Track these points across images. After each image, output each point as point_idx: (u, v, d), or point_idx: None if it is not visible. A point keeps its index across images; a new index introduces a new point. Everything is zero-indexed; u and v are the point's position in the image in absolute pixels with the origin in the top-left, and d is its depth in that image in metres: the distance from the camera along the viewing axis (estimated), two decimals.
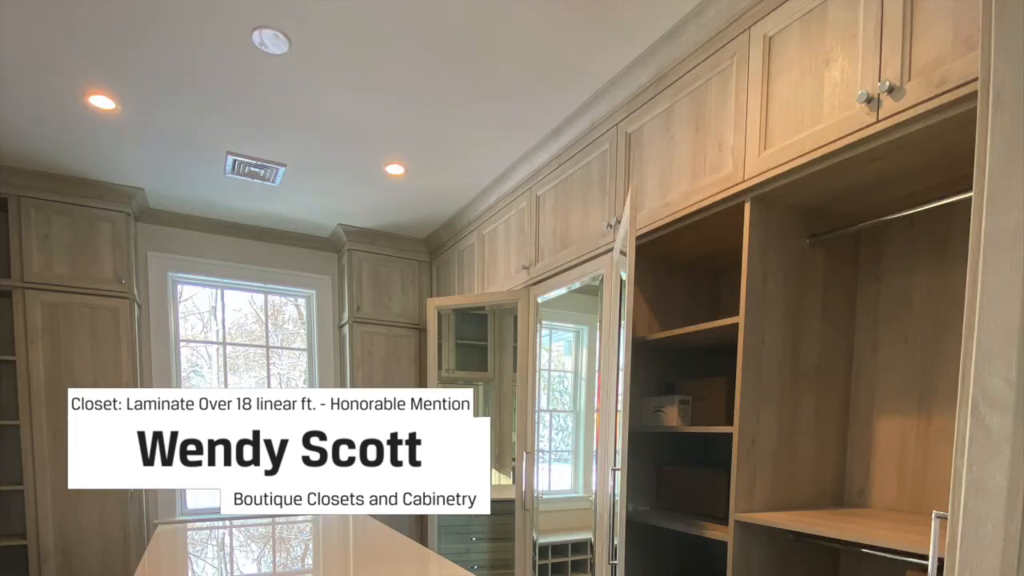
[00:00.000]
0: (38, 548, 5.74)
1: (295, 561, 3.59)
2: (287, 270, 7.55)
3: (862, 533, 2.78)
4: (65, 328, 5.86)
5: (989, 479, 1.66)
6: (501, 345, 6.92)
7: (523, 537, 5.51)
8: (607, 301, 4.38)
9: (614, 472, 3.83)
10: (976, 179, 1.74)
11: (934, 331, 3.36)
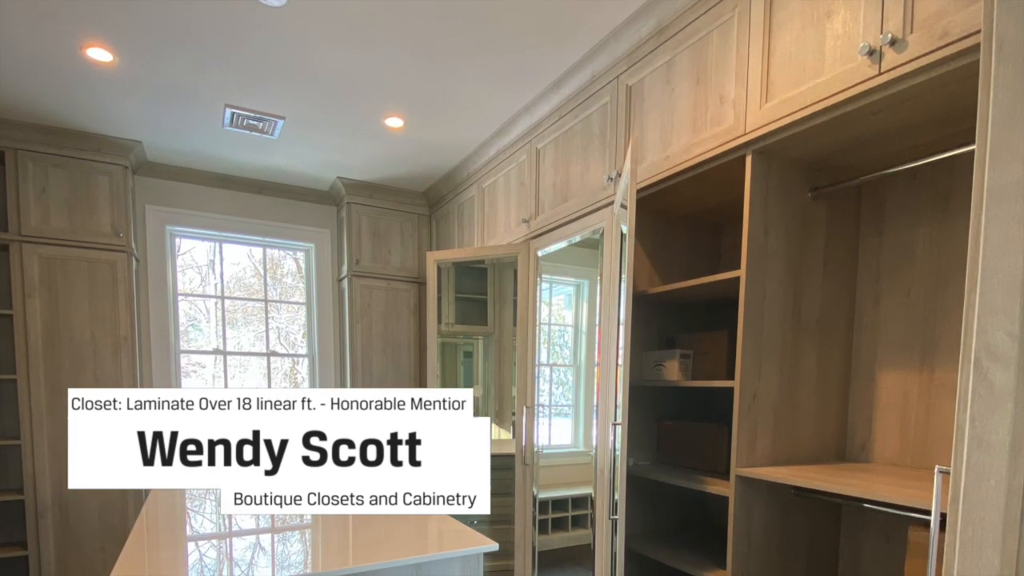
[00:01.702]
0: (35, 503, 5.75)
1: (294, 517, 3.59)
2: (286, 223, 7.52)
3: (864, 488, 2.78)
4: (62, 282, 5.84)
5: (992, 433, 1.66)
6: (501, 299, 6.91)
7: (523, 492, 5.52)
8: (607, 255, 4.36)
9: (614, 427, 3.82)
10: (979, 132, 1.73)
11: (936, 285, 3.35)
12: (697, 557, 3.93)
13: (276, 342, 8.23)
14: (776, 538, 3.53)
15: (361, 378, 7.23)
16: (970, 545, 1.73)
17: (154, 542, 2.98)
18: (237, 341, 8.02)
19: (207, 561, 2.72)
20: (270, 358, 7.84)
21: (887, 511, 2.92)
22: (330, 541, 3.02)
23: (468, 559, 2.94)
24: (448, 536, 3.13)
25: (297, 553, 2.86)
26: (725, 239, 4.60)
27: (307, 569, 2.58)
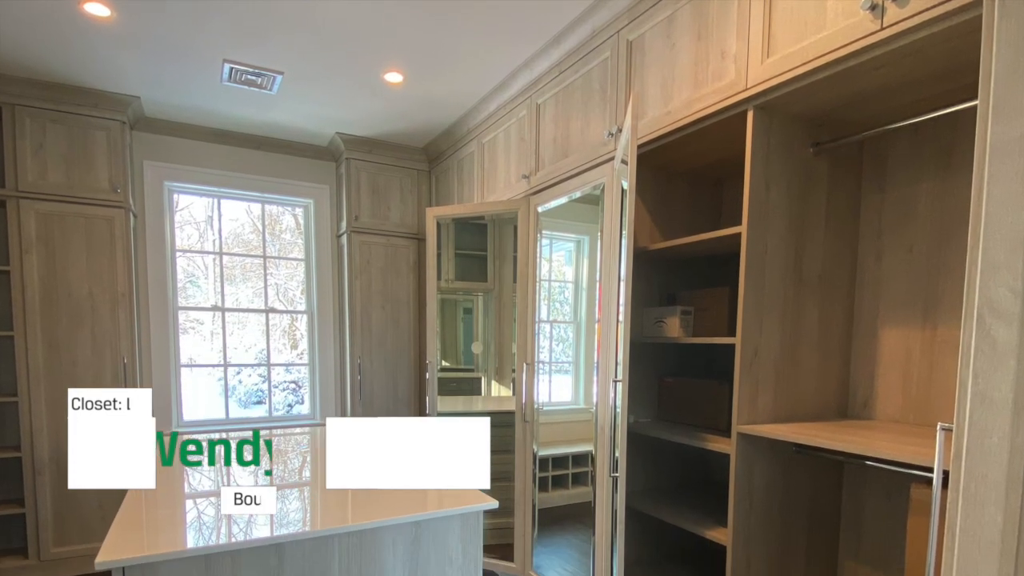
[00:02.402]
0: (32, 460, 5.75)
1: (292, 473, 3.59)
2: (285, 179, 7.49)
3: (866, 445, 2.77)
4: (60, 238, 5.82)
5: (995, 390, 1.66)
6: (501, 255, 6.89)
7: (523, 449, 5.52)
8: (608, 210, 4.34)
9: (615, 384, 3.81)
10: (982, 87, 1.72)
11: (939, 241, 3.34)
12: (698, 515, 3.94)
13: (275, 299, 8.24)
14: (777, 496, 3.53)
15: (360, 335, 7.23)
16: (973, 502, 1.73)
17: (152, 500, 2.97)
18: (235, 298, 8.03)
19: (205, 519, 2.72)
20: (269, 315, 7.84)
21: (889, 468, 2.92)
22: (329, 499, 3.01)
23: (468, 517, 2.94)
24: (448, 494, 3.12)
25: (296, 511, 2.85)
26: (726, 195, 4.58)
27: (306, 527, 2.58)
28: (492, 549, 5.88)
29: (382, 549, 2.70)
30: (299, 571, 2.51)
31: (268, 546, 2.44)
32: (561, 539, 5.70)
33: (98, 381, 5.96)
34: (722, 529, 3.60)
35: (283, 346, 9.06)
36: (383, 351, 7.38)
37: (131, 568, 2.21)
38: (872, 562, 3.64)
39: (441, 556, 2.86)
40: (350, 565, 2.62)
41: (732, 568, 3.42)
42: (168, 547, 2.28)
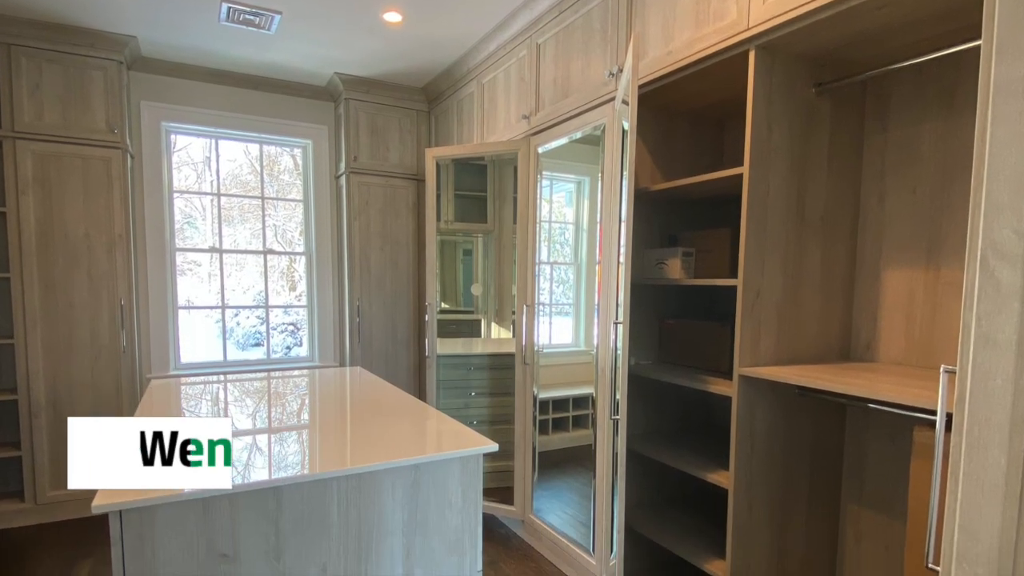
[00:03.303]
0: (29, 403, 5.77)
1: (291, 416, 3.58)
2: (283, 120, 7.44)
3: (869, 388, 2.75)
4: (56, 179, 5.79)
5: (998, 332, 1.65)
6: (501, 196, 6.86)
7: (523, 392, 5.52)
8: (609, 151, 4.31)
9: (616, 325, 3.80)
10: (985, 27, 1.70)
11: (942, 182, 3.31)
12: (700, 458, 3.94)
13: (273, 240, 8.21)
14: (779, 439, 3.52)
15: (359, 277, 7.22)
16: (976, 445, 1.72)
17: None
18: (233, 239, 8.00)
19: None
20: (267, 256, 7.80)
21: (892, 411, 2.91)
22: (328, 442, 3.01)
23: (467, 460, 2.93)
24: (447, 437, 3.12)
25: (294, 454, 2.84)
26: (728, 135, 4.54)
27: (304, 470, 2.56)
28: (492, 492, 5.90)
29: (381, 492, 2.69)
30: (297, 514, 2.50)
31: (266, 489, 2.43)
32: (561, 482, 5.71)
33: (95, 323, 5.96)
34: (724, 472, 3.60)
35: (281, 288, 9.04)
36: (382, 293, 7.37)
37: (128, 512, 2.20)
38: (875, 505, 3.64)
39: (441, 499, 2.85)
40: (349, 508, 2.62)
41: (734, 511, 3.42)
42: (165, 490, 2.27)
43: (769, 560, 3.58)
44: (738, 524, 3.44)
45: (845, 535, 3.82)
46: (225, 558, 2.36)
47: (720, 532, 3.96)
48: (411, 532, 2.78)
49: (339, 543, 2.60)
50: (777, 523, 3.58)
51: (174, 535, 2.27)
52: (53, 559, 5.22)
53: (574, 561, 4.93)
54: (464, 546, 2.94)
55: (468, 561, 2.95)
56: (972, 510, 1.74)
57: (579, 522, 5.22)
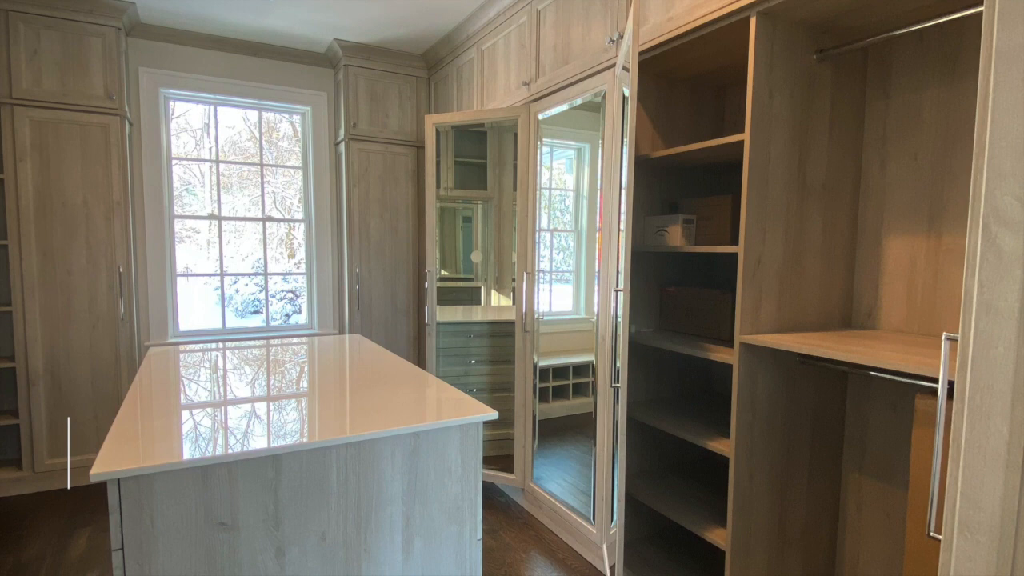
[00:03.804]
0: (27, 370, 5.77)
1: (290, 384, 3.57)
2: (282, 86, 7.41)
3: (870, 356, 2.73)
4: (54, 145, 5.77)
5: (1000, 300, 1.64)
6: (501, 163, 6.83)
7: (523, 359, 5.52)
8: (609, 118, 4.29)
9: (616, 293, 3.78)
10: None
11: (944, 148, 3.29)
12: (700, 426, 3.93)
13: (272, 207, 8.19)
14: (781, 407, 3.52)
15: (359, 244, 7.21)
16: (978, 413, 1.71)
17: (148, 410, 2.96)
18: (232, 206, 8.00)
19: (202, 429, 2.69)
20: (266, 223, 7.78)
21: (894, 379, 2.91)
22: (327, 410, 3.00)
23: (467, 428, 2.92)
24: (447, 405, 3.10)
25: (293, 422, 2.83)
26: (729, 102, 4.51)
27: (303, 438, 2.56)
28: (492, 461, 5.90)
29: (380, 460, 2.69)
30: (296, 482, 2.49)
31: (265, 457, 2.43)
32: (562, 450, 5.72)
33: (93, 291, 5.95)
34: (724, 440, 3.60)
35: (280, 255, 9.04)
36: (381, 260, 7.36)
37: (126, 480, 2.19)
38: (876, 474, 3.64)
39: (440, 467, 2.85)
40: (348, 476, 2.61)
41: (735, 479, 3.41)
42: (164, 458, 2.26)
43: (770, 528, 3.58)
44: (739, 492, 3.43)
45: (846, 503, 3.82)
46: (224, 526, 2.35)
47: (721, 500, 3.97)
48: (410, 500, 2.77)
49: (338, 511, 2.60)
50: (778, 491, 3.58)
51: (172, 503, 2.26)
52: (51, 527, 5.22)
53: (574, 529, 4.94)
54: (464, 514, 2.94)
55: (468, 529, 2.95)
56: (974, 478, 1.74)
57: (579, 490, 5.23)
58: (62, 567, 4.60)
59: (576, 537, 4.92)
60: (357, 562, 2.65)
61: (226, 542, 2.36)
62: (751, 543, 3.51)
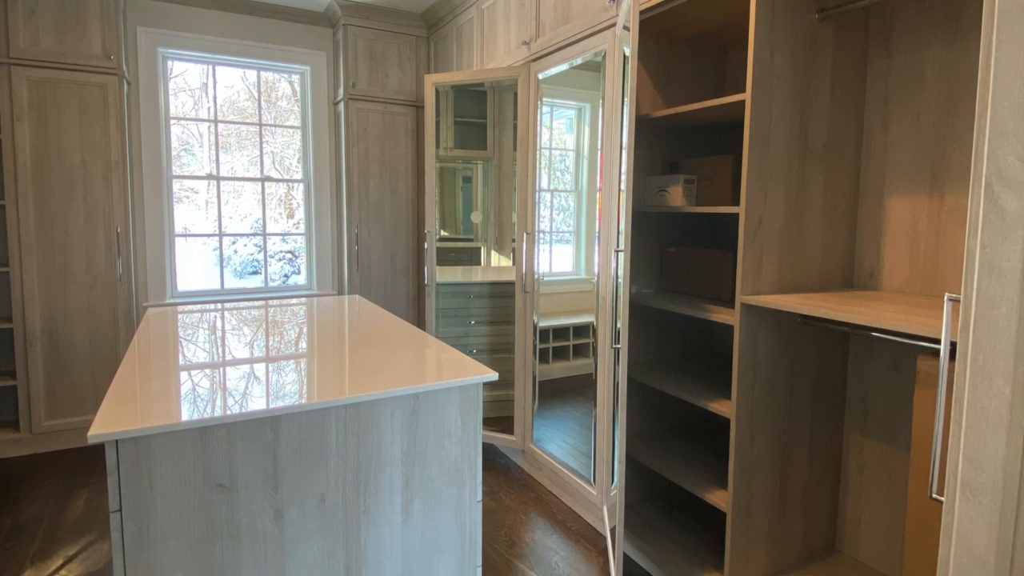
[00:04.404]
0: (24, 331, 5.77)
1: (289, 345, 3.56)
2: (281, 46, 7.37)
3: (872, 316, 2.72)
4: (52, 105, 5.75)
5: (1003, 260, 1.63)
6: (501, 123, 6.81)
7: (523, 320, 5.52)
8: (610, 78, 4.27)
9: (617, 253, 3.77)
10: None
11: (946, 108, 3.27)
12: (701, 387, 3.92)
13: (271, 167, 8.19)
14: (782, 368, 3.51)
15: (358, 204, 7.19)
16: (980, 374, 1.71)
17: (146, 371, 2.95)
18: (231, 166, 7.97)
19: (200, 391, 2.69)
20: (264, 183, 7.75)
21: (896, 340, 2.90)
22: (326, 371, 2.99)
23: (467, 389, 2.92)
24: (447, 366, 3.10)
25: (292, 383, 2.82)
26: (730, 62, 4.48)
27: (302, 399, 2.55)
28: (492, 422, 5.91)
29: (380, 422, 2.68)
30: (295, 444, 2.49)
31: (264, 419, 2.42)
32: (562, 412, 5.72)
33: (91, 251, 5.94)
34: (726, 401, 3.59)
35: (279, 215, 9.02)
36: (381, 220, 7.34)
37: (124, 441, 2.18)
38: (878, 435, 3.64)
39: (440, 429, 2.85)
40: (347, 438, 2.61)
41: (736, 441, 3.41)
42: (162, 420, 2.25)
43: (771, 490, 3.58)
44: (740, 454, 3.43)
45: (848, 465, 3.82)
46: (222, 488, 2.35)
47: (722, 462, 3.97)
48: (410, 462, 2.77)
49: (337, 473, 2.59)
50: (779, 453, 3.58)
51: (171, 465, 2.25)
52: (49, 489, 5.24)
53: (574, 491, 4.94)
54: (464, 476, 2.94)
55: (468, 491, 2.95)
56: (976, 440, 1.73)
57: (579, 452, 5.23)
58: (60, 528, 4.61)
59: (576, 499, 4.93)
60: (356, 524, 2.65)
61: (225, 504, 2.36)
62: (752, 505, 3.52)
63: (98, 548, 4.38)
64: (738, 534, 3.49)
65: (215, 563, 2.36)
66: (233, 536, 2.38)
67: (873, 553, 3.71)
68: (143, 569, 2.22)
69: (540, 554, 4.35)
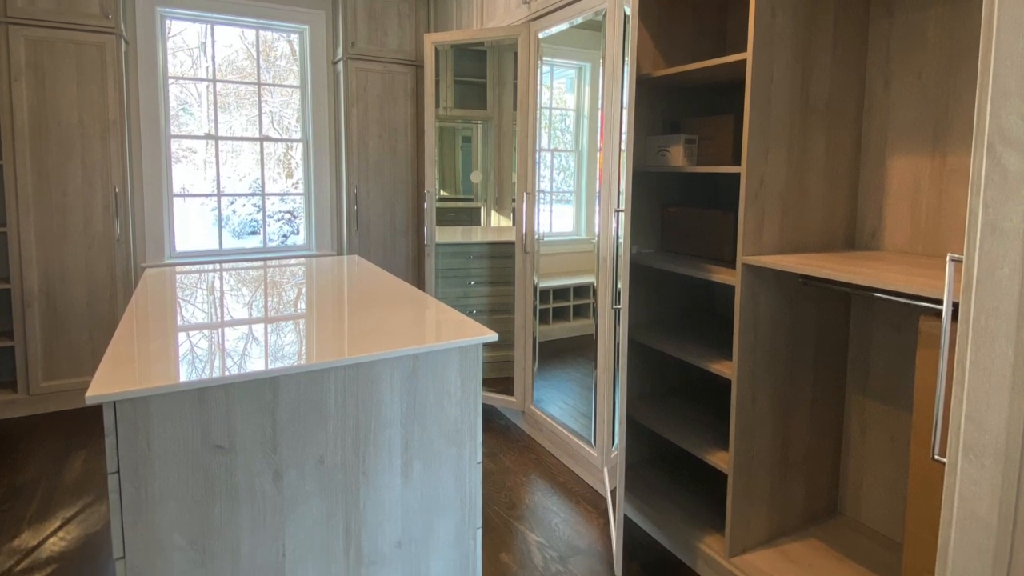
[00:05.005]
0: (22, 291, 5.76)
1: (288, 306, 3.55)
2: (280, 5, 7.31)
3: (874, 277, 2.71)
4: (50, 65, 5.72)
5: (1006, 220, 1.62)
6: (501, 82, 6.79)
7: (523, 281, 5.50)
8: (610, 37, 4.25)
9: (617, 214, 3.76)
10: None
11: (949, 67, 3.25)
12: (702, 348, 3.91)
13: (269, 127, 8.15)
14: (783, 329, 3.50)
15: (357, 164, 7.16)
16: (983, 335, 1.71)
17: (144, 332, 2.94)
18: (229, 126, 7.95)
19: (198, 351, 2.67)
20: (263, 143, 7.73)
21: (898, 300, 2.89)
22: (325, 332, 2.98)
23: (467, 350, 2.91)
24: (446, 326, 3.09)
25: (291, 344, 2.81)
26: (731, 20, 4.45)
27: (301, 360, 2.54)
28: (492, 383, 5.91)
29: (379, 383, 2.67)
30: (294, 405, 2.48)
31: (262, 380, 2.41)
32: (562, 373, 5.72)
33: (89, 211, 5.92)
34: (727, 363, 3.58)
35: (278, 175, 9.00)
36: (380, 180, 7.32)
37: (122, 402, 2.17)
38: (880, 396, 3.64)
39: (440, 390, 2.84)
40: (346, 399, 2.60)
41: (737, 402, 3.41)
42: (160, 381, 2.24)
43: (772, 451, 3.58)
44: (741, 415, 3.43)
45: (850, 426, 3.83)
46: (220, 449, 2.34)
47: (723, 423, 3.97)
48: (409, 423, 2.76)
49: (336, 434, 2.59)
50: (781, 414, 3.58)
51: (169, 426, 2.25)
52: (46, 450, 5.24)
53: (575, 452, 4.95)
54: (463, 437, 2.93)
55: (467, 452, 2.95)
56: (979, 400, 1.73)
57: (580, 413, 5.24)
58: (58, 490, 4.61)
59: (577, 460, 4.94)
60: (356, 485, 2.65)
61: (223, 465, 2.35)
62: (753, 466, 3.52)
63: (96, 510, 4.39)
64: (739, 496, 3.49)
65: (213, 524, 2.35)
66: (232, 498, 2.38)
67: (875, 515, 3.72)
68: (141, 531, 2.22)
69: (540, 516, 4.36)
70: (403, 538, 2.80)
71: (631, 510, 4.25)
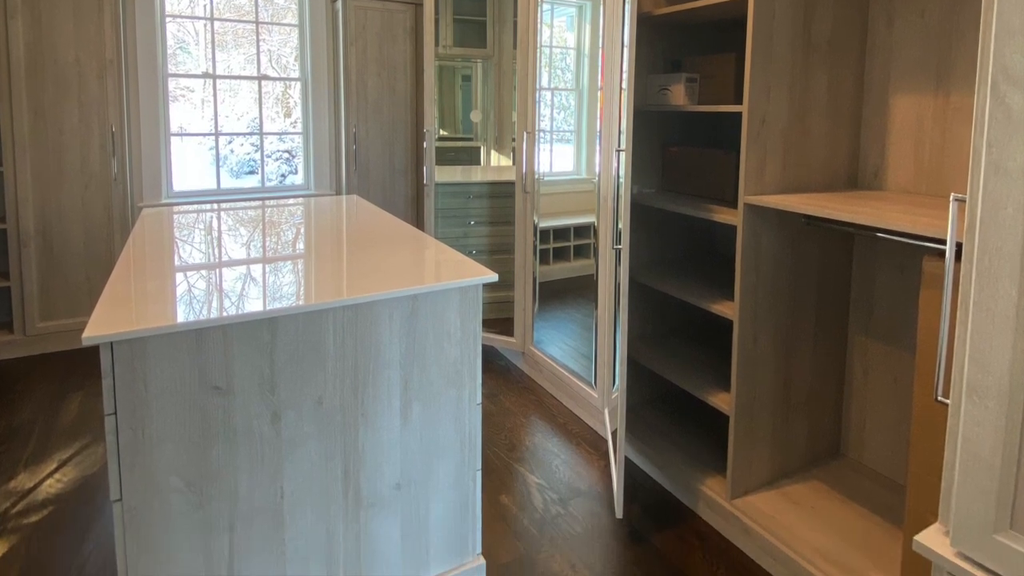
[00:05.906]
0: (18, 231, 5.73)
1: (286, 246, 3.52)
2: None
3: (877, 217, 2.69)
4: (46, 2, 5.66)
5: (1009, 160, 1.58)
6: (501, 20, 6.73)
7: (523, 220, 5.47)
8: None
9: (618, 153, 3.73)
10: None
11: (952, 5, 3.22)
12: (704, 288, 3.90)
13: (268, 66, 8.08)
14: (786, 269, 3.49)
15: (356, 103, 7.11)
16: (987, 275, 1.67)
17: (141, 272, 2.92)
18: (227, 65, 7.89)
19: (196, 292, 2.66)
20: (261, 82, 7.67)
21: (901, 240, 2.86)
22: (323, 272, 2.96)
23: (467, 290, 2.89)
24: (446, 267, 3.07)
25: (289, 284, 2.79)
26: None
27: (299, 301, 2.52)
28: (492, 324, 5.90)
29: (378, 323, 2.66)
30: (292, 346, 2.47)
31: (260, 321, 2.39)
32: (562, 313, 5.72)
33: (85, 150, 5.88)
34: (728, 303, 3.57)
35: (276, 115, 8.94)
36: (379, 120, 7.26)
37: (119, 343, 2.15)
38: (883, 337, 3.63)
39: (439, 330, 2.82)
40: (345, 339, 2.58)
41: (739, 343, 3.40)
42: (158, 322, 2.23)
43: (774, 392, 3.58)
44: (743, 356, 3.42)
45: (853, 367, 3.82)
46: (218, 390, 2.33)
47: (725, 364, 3.95)
48: (409, 364, 2.75)
49: (335, 376, 2.57)
50: (783, 355, 3.57)
51: (166, 367, 2.23)
52: (43, 391, 5.24)
53: (575, 393, 4.94)
54: (463, 378, 2.92)
55: (467, 393, 2.94)
56: (982, 341, 1.71)
57: (580, 354, 5.23)
58: (54, 431, 4.61)
59: (577, 401, 4.93)
60: (355, 427, 2.64)
61: (221, 407, 2.34)
62: (755, 407, 3.51)
63: (93, 451, 4.39)
64: (741, 437, 3.49)
65: (211, 466, 2.35)
66: (229, 440, 2.37)
67: (877, 457, 3.72)
68: (138, 473, 2.21)
69: (540, 457, 4.36)
70: (402, 480, 2.80)
71: (632, 452, 4.25)
